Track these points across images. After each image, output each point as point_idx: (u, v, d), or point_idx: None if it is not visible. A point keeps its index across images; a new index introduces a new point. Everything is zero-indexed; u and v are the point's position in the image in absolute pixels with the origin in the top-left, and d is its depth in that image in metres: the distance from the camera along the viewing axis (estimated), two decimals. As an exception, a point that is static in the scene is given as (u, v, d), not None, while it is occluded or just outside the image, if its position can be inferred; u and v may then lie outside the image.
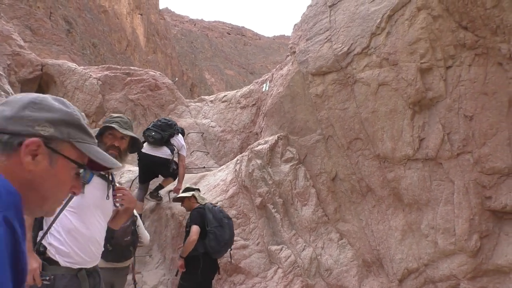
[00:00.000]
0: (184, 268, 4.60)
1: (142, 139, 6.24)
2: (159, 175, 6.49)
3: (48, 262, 2.29)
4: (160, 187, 6.36)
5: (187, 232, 4.65)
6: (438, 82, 4.85)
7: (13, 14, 24.38)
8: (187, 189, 5.08)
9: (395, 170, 5.13)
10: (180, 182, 6.28)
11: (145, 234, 4.59)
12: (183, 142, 6.43)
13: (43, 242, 2.33)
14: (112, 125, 2.66)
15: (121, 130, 2.67)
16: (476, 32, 4.54)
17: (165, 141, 6.06)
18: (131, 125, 2.82)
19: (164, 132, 6.05)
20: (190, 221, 4.65)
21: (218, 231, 4.58)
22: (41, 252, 2.31)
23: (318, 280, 5.20)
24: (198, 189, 5.17)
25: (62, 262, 2.32)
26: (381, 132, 5.21)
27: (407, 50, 4.93)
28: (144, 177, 6.28)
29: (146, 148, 6.05)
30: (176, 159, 6.31)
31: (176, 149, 6.24)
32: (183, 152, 6.38)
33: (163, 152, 6.07)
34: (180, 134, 6.37)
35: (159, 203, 6.47)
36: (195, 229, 4.52)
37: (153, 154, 6.03)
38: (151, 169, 6.22)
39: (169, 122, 6.25)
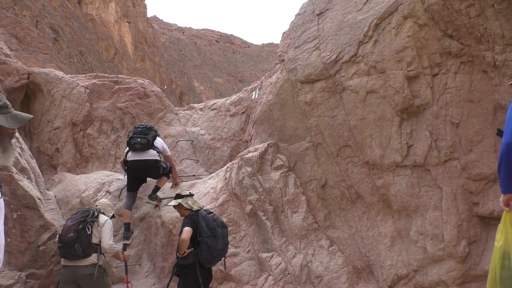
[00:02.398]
0: (183, 272, 4.56)
1: (127, 149, 6.27)
2: (148, 181, 6.55)
3: None
4: (157, 188, 6.37)
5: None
6: (425, 90, 4.93)
7: (-1, 22, 24.15)
8: (176, 196, 5.03)
9: (384, 177, 5.18)
10: (175, 179, 6.74)
11: (104, 237, 4.72)
12: (164, 144, 6.63)
13: None
14: None
15: None
16: (461, 40, 4.63)
17: (150, 144, 6.19)
18: None
19: (148, 136, 6.19)
20: (182, 226, 4.62)
21: (210, 241, 4.53)
22: None
23: (309, 287, 5.20)
24: (190, 195, 5.06)
25: None
26: (370, 139, 5.26)
27: (394, 58, 5.01)
28: (133, 185, 6.30)
29: (131, 156, 6.17)
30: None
31: (160, 151, 6.37)
32: (169, 152, 6.68)
33: (151, 155, 6.17)
34: (158, 137, 6.54)
35: (148, 212, 6.41)
36: (186, 229, 4.49)
37: (141, 158, 6.12)
38: (142, 174, 6.30)
39: (147, 126, 6.41)
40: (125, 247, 5.34)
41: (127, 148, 6.33)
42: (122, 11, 45.15)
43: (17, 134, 5.37)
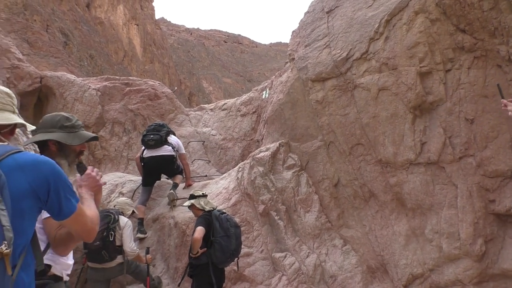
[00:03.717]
0: (196, 276, 4.58)
1: (142, 147, 6.37)
2: (163, 178, 6.72)
3: (53, 279, 2.18)
4: (176, 185, 6.47)
5: None
6: (438, 86, 4.86)
7: (10, 28, 24.47)
8: (190, 196, 5.07)
9: (398, 175, 5.12)
10: (188, 178, 6.73)
11: (126, 240, 4.90)
12: (179, 142, 6.76)
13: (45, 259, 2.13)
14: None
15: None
16: (474, 35, 4.56)
17: (164, 140, 6.35)
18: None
19: (161, 132, 6.37)
20: (195, 226, 4.64)
21: (224, 241, 4.53)
22: (44, 271, 2.11)
23: (323, 287, 5.16)
24: (203, 195, 5.08)
25: (65, 277, 2.26)
26: (383, 137, 5.21)
27: (406, 54, 4.95)
28: (149, 180, 6.47)
29: (147, 153, 6.36)
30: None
31: (175, 148, 6.51)
32: (183, 150, 6.77)
33: (166, 150, 6.36)
34: (173, 135, 6.70)
35: (161, 213, 6.43)
36: (199, 229, 4.50)
37: (158, 154, 6.30)
38: (158, 170, 6.47)
39: (160, 123, 6.60)
40: (148, 250, 5.46)
41: (143, 147, 6.49)
42: (130, 13, 45.47)
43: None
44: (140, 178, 6.65)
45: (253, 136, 8.05)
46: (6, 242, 1.41)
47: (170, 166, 6.41)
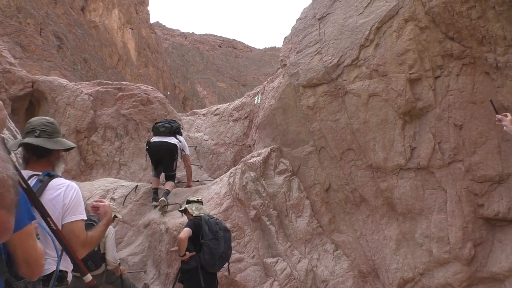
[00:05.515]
0: (185, 275, 4.58)
1: (152, 136, 6.80)
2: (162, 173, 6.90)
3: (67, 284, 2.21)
4: (167, 192, 6.55)
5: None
6: (427, 92, 4.92)
7: (3, 31, 24.34)
8: (186, 201, 5.11)
9: (388, 180, 5.16)
10: (189, 180, 7.05)
11: (108, 249, 4.82)
12: (185, 142, 7.06)
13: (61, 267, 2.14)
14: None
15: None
16: (462, 43, 4.63)
17: (174, 131, 6.73)
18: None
19: (172, 124, 6.78)
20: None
21: (212, 244, 4.54)
22: (62, 276, 2.14)
23: (315, 292, 5.18)
24: (197, 201, 5.10)
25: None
26: (373, 143, 5.26)
27: (396, 61, 5.01)
28: (154, 164, 6.79)
29: (154, 138, 6.70)
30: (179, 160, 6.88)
31: (181, 146, 6.79)
32: (187, 152, 7.03)
33: (171, 139, 6.67)
34: (181, 136, 7.02)
35: (153, 219, 6.42)
36: (185, 229, 4.53)
37: (163, 140, 6.61)
38: (159, 153, 6.68)
39: (172, 119, 7.12)
40: (146, 285, 5.56)
41: (152, 134, 6.86)
42: (125, 17, 45.41)
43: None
44: (131, 183, 6.70)
45: (245, 141, 8.08)
46: None
47: (170, 156, 6.62)
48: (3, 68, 7.56)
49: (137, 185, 6.92)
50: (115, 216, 5.31)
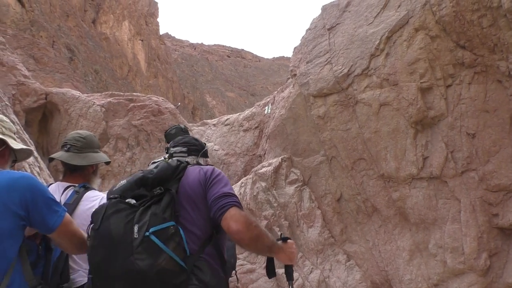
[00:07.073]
0: None
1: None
2: None
3: None
4: None
5: None
6: (439, 101, 4.90)
7: (17, 44, 24.80)
8: None
9: (400, 190, 5.12)
10: None
11: None
12: None
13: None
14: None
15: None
16: (474, 51, 4.61)
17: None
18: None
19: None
20: None
21: None
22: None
23: (327, 303, 5.13)
24: None
25: None
26: (385, 152, 5.23)
27: (407, 70, 5.00)
28: None
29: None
30: None
31: None
32: None
33: None
34: None
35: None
36: None
37: None
38: None
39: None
40: None
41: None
42: (135, 29, 46.03)
43: (35, 153, 5.51)
44: None
45: (255, 151, 8.08)
46: None
47: None
48: (17, 81, 7.70)
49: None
50: None
